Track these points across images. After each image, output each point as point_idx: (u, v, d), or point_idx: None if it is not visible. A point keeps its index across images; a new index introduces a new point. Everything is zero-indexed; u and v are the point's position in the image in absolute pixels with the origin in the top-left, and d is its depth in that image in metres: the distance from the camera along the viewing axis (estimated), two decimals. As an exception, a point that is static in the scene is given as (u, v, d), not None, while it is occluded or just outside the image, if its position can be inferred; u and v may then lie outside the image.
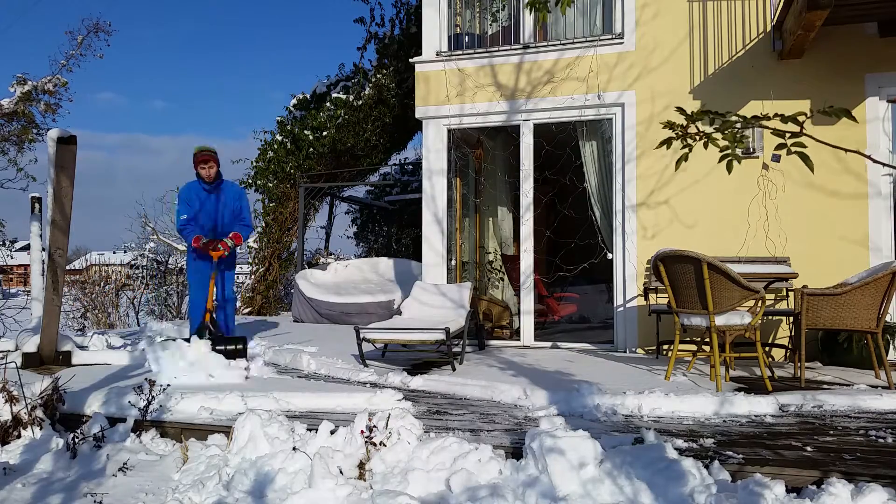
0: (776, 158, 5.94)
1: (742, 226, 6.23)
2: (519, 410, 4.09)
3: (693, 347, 5.68)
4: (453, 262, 7.48)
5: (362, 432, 3.24)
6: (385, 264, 10.48)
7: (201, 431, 3.76)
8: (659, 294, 6.23)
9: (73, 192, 4.99)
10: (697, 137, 2.07)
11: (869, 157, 1.92)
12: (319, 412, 4.02)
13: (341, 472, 3.07)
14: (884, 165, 2.27)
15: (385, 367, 5.38)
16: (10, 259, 11.33)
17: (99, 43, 8.13)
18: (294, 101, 12.11)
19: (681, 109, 2.13)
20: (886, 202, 5.94)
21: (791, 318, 5.80)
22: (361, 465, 3.17)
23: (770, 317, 6.05)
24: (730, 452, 3.11)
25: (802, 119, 1.87)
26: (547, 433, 3.03)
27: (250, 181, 11.80)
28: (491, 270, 8.52)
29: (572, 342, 6.93)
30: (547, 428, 3.12)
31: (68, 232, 5.09)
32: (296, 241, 11.67)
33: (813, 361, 5.68)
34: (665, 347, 6.12)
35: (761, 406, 3.92)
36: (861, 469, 2.87)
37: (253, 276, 11.99)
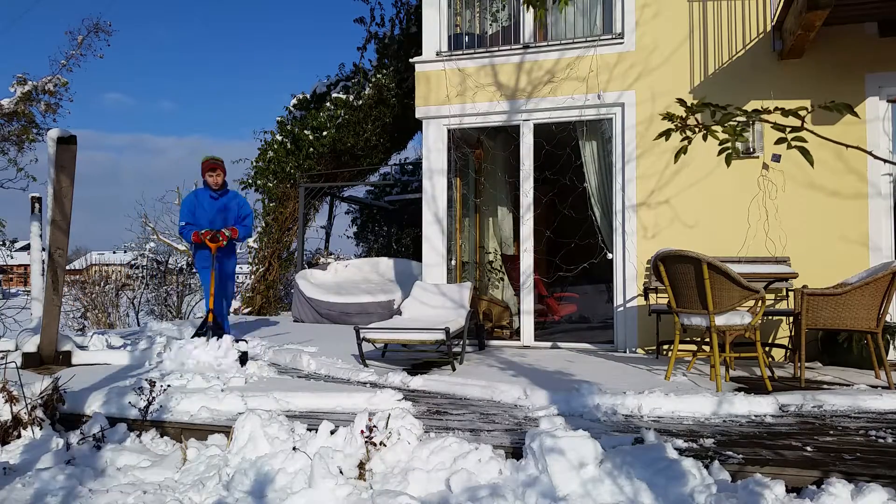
0: (776, 158, 5.94)
1: (742, 226, 6.23)
2: (519, 410, 4.09)
3: (693, 347, 5.68)
4: (453, 262, 7.48)
5: (362, 432, 3.24)
6: (385, 264, 10.48)
7: (201, 431, 3.76)
8: (659, 294, 6.24)
9: (74, 192, 5.00)
10: (697, 129, 2.05)
11: (870, 153, 1.92)
12: (319, 412, 4.02)
13: (341, 472, 3.07)
14: (885, 162, 2.27)
15: (385, 367, 5.38)
16: (10, 259, 11.34)
17: (99, 43, 8.16)
18: (294, 101, 12.12)
19: (681, 101, 2.12)
20: (886, 202, 5.94)
21: (791, 318, 5.80)
22: (361, 465, 3.17)
23: (770, 317, 6.05)
24: (730, 452, 3.11)
25: (804, 113, 1.86)
26: (547, 433, 3.03)
27: (250, 181, 11.81)
28: (491, 270, 8.52)
29: (572, 342, 6.93)
30: (547, 428, 3.12)
31: (68, 232, 5.10)
32: (296, 241, 11.67)
33: (813, 361, 5.68)
34: (665, 347, 6.12)
35: (761, 406, 3.92)
36: (861, 469, 2.87)
37: (253, 276, 11.99)
